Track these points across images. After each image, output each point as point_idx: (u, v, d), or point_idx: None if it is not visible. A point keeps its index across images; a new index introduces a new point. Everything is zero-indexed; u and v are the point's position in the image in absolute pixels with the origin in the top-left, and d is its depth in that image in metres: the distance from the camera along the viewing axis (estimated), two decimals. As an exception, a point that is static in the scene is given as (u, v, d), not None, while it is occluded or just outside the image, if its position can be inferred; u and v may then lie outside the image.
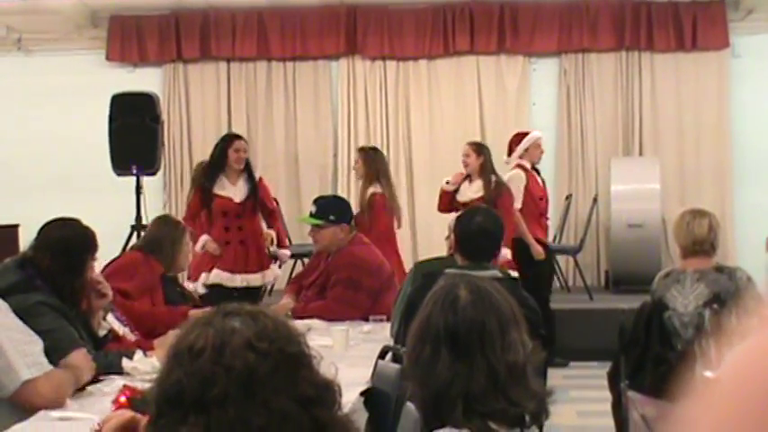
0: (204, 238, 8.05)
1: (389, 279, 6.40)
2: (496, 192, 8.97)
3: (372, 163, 9.08)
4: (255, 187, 8.19)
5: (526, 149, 9.66)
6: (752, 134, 12.13)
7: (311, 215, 6.58)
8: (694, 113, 12.24)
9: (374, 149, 9.57)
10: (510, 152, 9.81)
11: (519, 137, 9.91)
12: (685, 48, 12.21)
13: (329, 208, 6.59)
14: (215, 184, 8.11)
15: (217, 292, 7.73)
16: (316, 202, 6.80)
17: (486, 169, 9.12)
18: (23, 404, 3.95)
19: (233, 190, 8.18)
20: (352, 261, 6.36)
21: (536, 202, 9.44)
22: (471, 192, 9.08)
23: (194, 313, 5.34)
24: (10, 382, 3.92)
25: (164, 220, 6.44)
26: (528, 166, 9.60)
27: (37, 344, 4.07)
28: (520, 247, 9.02)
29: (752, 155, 12.11)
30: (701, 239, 5.62)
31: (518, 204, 9.27)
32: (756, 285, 5.69)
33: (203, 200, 8.11)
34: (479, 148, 9.34)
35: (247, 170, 8.26)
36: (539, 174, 9.78)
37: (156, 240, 6.16)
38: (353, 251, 6.42)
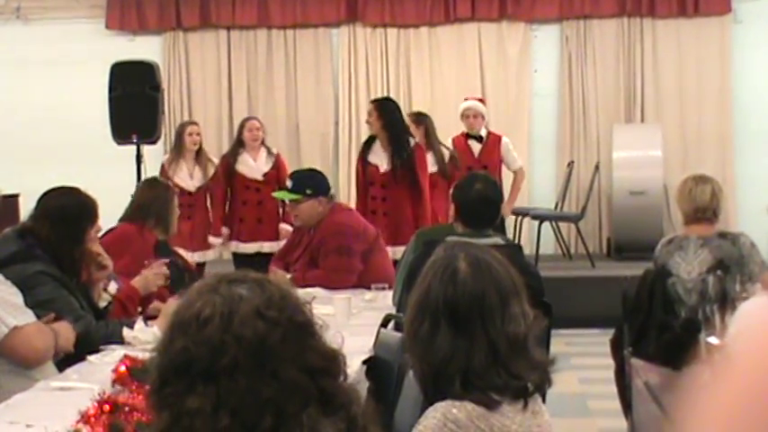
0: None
1: (375, 240, 6.44)
2: (452, 165, 8.82)
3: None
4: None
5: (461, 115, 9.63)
6: (753, 100, 12.08)
7: (287, 190, 6.51)
8: (696, 79, 12.19)
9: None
10: None
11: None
12: (687, 13, 12.14)
13: (305, 182, 6.49)
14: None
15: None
16: (291, 176, 6.75)
17: (432, 140, 8.90)
18: (13, 353, 3.94)
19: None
20: (338, 229, 6.34)
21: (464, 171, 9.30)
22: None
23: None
24: None
25: (151, 184, 6.25)
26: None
27: (18, 296, 4.05)
28: None
29: (753, 121, 12.06)
30: (703, 206, 5.59)
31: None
32: (759, 251, 5.67)
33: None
34: (419, 118, 9.07)
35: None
36: (479, 141, 9.61)
37: (147, 206, 5.97)
38: (336, 219, 6.39)
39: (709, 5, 12.08)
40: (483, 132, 9.59)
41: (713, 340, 3.93)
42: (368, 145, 8.41)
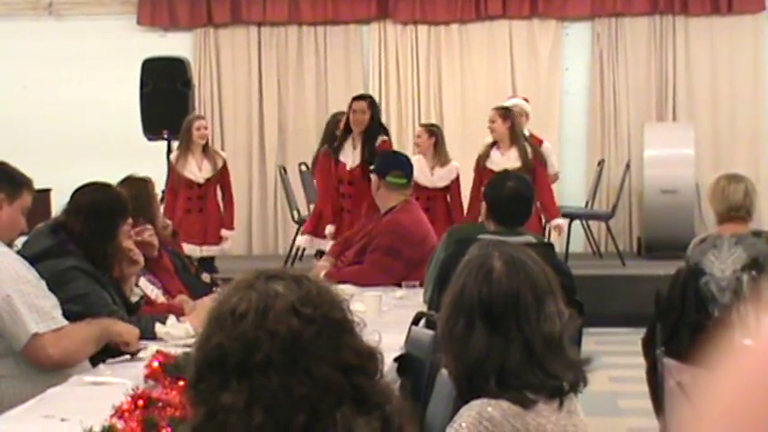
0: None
1: (431, 251, 6.21)
2: (536, 160, 8.88)
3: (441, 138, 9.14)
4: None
5: None
6: (787, 98, 12.00)
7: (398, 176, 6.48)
8: (729, 78, 12.11)
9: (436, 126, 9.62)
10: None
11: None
12: (720, 11, 12.07)
13: (378, 158, 6.73)
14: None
15: None
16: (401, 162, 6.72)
17: (516, 135, 8.99)
18: (30, 360, 3.96)
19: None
20: (395, 228, 6.27)
21: None
22: (508, 162, 8.88)
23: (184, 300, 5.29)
24: (22, 334, 3.92)
25: (130, 182, 5.79)
26: None
27: (48, 299, 4.06)
28: None
29: (787, 119, 11.98)
30: (736, 206, 5.55)
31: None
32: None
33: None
34: (505, 113, 9.13)
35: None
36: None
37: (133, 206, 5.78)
38: (400, 219, 6.32)
39: (743, 3, 11.99)
40: (526, 132, 9.53)
41: (748, 341, 3.89)
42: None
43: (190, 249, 8.71)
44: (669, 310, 5.38)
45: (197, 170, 9.48)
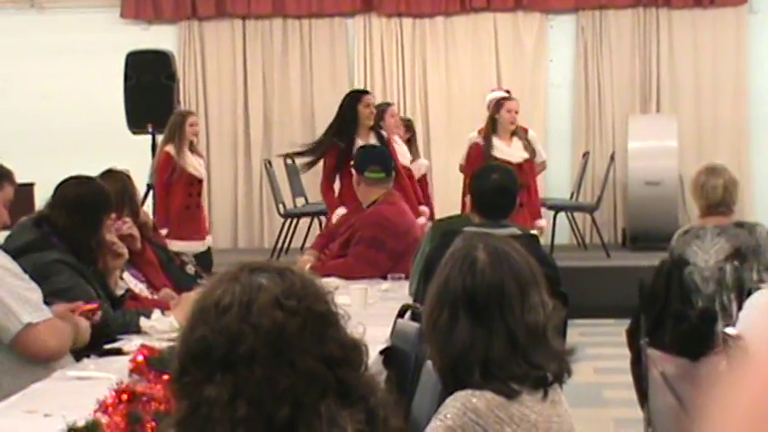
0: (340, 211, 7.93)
1: (414, 242, 6.20)
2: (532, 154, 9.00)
3: None
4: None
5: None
6: (769, 90, 12.05)
7: (375, 171, 6.46)
8: (712, 70, 12.15)
9: None
10: None
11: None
12: (702, 4, 12.11)
13: (356, 154, 6.68)
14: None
15: None
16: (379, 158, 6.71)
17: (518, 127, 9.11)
18: (25, 351, 3.94)
19: None
20: (378, 220, 6.29)
21: None
22: (516, 151, 8.95)
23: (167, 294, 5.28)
24: (12, 325, 3.90)
25: (114, 176, 5.70)
26: None
27: (36, 291, 4.05)
28: None
29: (769, 111, 12.03)
30: (715, 203, 5.58)
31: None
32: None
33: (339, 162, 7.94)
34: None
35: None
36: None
37: (118, 198, 5.45)
38: (382, 210, 6.34)
39: (725, -4, 12.05)
40: None
41: (730, 330, 3.92)
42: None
43: (192, 247, 8.76)
44: (653, 301, 5.40)
45: (199, 166, 9.45)
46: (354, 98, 8.27)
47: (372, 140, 8.02)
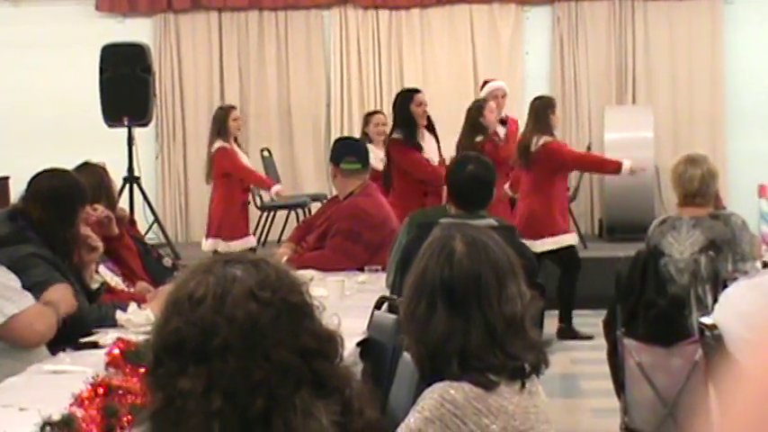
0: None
1: (391, 234, 6.20)
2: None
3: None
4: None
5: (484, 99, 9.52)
6: (744, 80, 12.08)
7: (351, 162, 6.47)
8: (687, 61, 12.19)
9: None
10: None
11: (486, 83, 9.84)
12: (678, -5, 12.15)
13: (332, 146, 6.66)
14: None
15: None
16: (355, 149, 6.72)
17: None
18: (13, 337, 3.93)
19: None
20: (354, 212, 6.29)
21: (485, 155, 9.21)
22: None
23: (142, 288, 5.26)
24: None
25: (91, 169, 5.64)
26: None
27: (16, 281, 4.04)
28: None
29: (744, 101, 12.07)
30: (692, 193, 5.60)
31: None
32: (750, 230, 5.69)
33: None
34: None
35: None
36: (503, 125, 9.55)
37: (95, 190, 5.39)
38: (359, 202, 6.35)
39: (701, -14, 12.08)
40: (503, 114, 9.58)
41: (705, 320, 3.93)
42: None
43: (249, 242, 8.92)
44: (629, 292, 5.41)
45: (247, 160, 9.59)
46: (406, 98, 8.49)
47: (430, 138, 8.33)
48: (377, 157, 8.99)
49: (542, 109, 8.65)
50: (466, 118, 8.87)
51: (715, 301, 4.71)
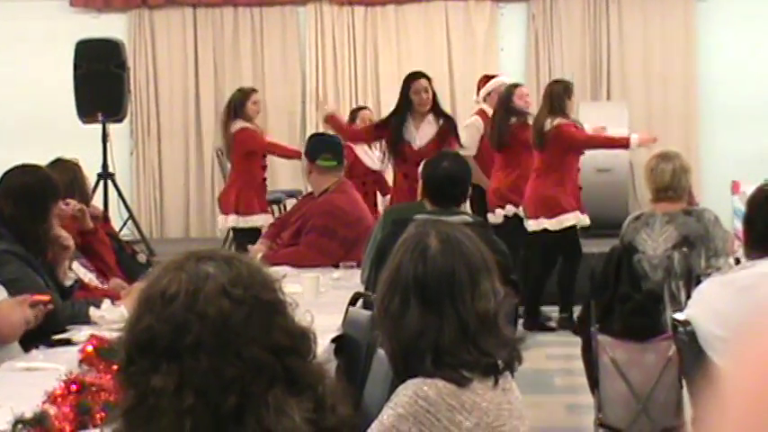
0: None
1: (366, 231, 6.20)
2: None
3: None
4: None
5: (488, 94, 9.53)
6: (718, 78, 12.15)
7: (327, 159, 6.46)
8: (662, 57, 12.24)
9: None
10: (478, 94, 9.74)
11: (486, 79, 9.82)
12: (652, -9, 12.21)
13: (307, 142, 6.64)
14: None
15: None
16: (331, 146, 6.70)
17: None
18: None
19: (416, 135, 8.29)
20: (329, 209, 6.30)
21: (489, 152, 9.20)
22: None
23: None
24: None
25: (64, 165, 5.64)
26: (490, 113, 9.38)
27: None
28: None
29: (718, 98, 12.13)
30: (664, 186, 5.63)
31: (472, 152, 9.05)
32: (723, 226, 5.72)
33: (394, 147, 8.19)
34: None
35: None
36: None
37: (69, 187, 5.40)
38: (333, 199, 6.35)
39: (674, -17, 12.14)
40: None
41: (678, 316, 3.96)
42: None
43: (268, 219, 8.81)
44: (603, 288, 5.43)
45: None
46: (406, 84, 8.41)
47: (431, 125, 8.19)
48: (367, 154, 9.05)
49: (559, 92, 8.73)
50: (498, 103, 8.95)
51: (688, 297, 4.74)
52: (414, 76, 8.43)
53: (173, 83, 12.49)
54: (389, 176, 8.90)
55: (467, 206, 6.48)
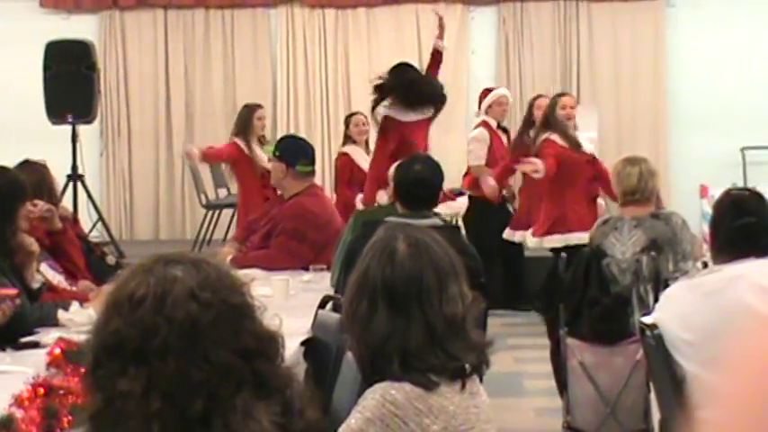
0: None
1: (336, 234, 6.22)
2: None
3: None
4: None
5: (489, 106, 9.58)
6: (686, 83, 12.24)
7: (306, 164, 6.49)
8: (631, 62, 12.32)
9: None
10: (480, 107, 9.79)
11: (487, 92, 9.88)
12: (622, -3, 12.30)
13: (281, 144, 6.58)
14: None
15: None
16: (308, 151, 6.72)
17: None
18: None
19: None
20: (299, 212, 6.29)
21: (497, 162, 9.24)
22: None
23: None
24: None
25: (32, 167, 5.59)
26: (493, 124, 9.46)
27: None
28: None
29: (686, 103, 12.22)
30: (631, 189, 5.67)
31: (481, 162, 9.17)
32: (690, 229, 5.76)
33: None
34: None
35: None
36: (505, 132, 9.66)
37: (37, 189, 5.37)
38: (303, 202, 6.34)
39: (644, -11, 12.24)
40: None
41: (646, 319, 3.98)
42: None
43: None
44: (572, 292, 5.46)
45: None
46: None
47: None
48: (366, 160, 9.11)
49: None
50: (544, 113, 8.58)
51: (656, 300, 4.76)
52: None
53: (143, 84, 12.46)
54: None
55: None
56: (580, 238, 7.92)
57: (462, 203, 8.53)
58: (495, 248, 9.18)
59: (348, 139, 9.57)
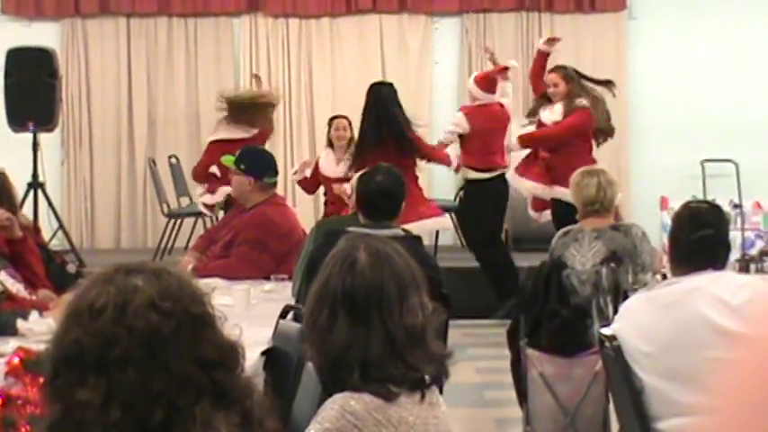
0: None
1: (298, 243, 6.21)
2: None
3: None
4: None
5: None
6: (647, 95, 12.33)
7: (272, 176, 6.50)
8: (592, 74, 12.35)
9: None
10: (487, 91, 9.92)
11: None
12: (584, 9, 12.36)
13: (246, 157, 6.53)
14: None
15: None
16: (243, 149, 6.81)
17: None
18: None
19: None
20: (261, 221, 6.29)
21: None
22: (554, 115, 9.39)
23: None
24: None
25: None
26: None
27: None
28: None
29: (647, 115, 12.31)
30: (589, 200, 5.71)
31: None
32: (650, 241, 5.80)
33: None
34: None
35: None
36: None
37: None
38: (266, 211, 6.34)
39: (605, 2, 12.33)
40: None
41: (605, 331, 4.01)
42: None
43: None
44: (533, 303, 5.49)
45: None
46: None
47: None
48: (329, 161, 9.27)
49: None
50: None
51: (616, 312, 4.80)
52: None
53: (105, 92, 12.40)
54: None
55: None
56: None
57: (438, 223, 8.92)
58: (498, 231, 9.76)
59: (329, 142, 9.74)
